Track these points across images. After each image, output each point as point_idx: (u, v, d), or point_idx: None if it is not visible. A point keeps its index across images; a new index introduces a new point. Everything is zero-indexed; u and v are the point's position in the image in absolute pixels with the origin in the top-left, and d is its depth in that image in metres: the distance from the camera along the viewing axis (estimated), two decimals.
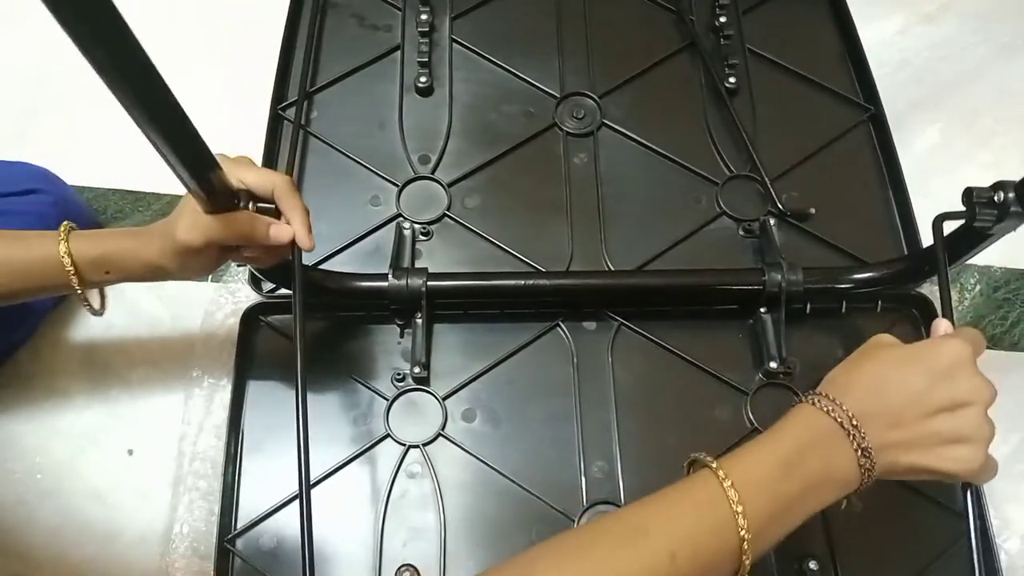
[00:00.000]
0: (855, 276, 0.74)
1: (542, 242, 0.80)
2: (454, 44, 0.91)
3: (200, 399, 0.75)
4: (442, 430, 0.71)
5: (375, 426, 0.72)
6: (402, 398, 0.73)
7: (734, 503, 0.44)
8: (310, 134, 0.85)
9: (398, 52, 0.90)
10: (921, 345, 0.50)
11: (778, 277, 0.72)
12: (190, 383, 0.76)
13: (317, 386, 0.73)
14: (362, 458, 0.70)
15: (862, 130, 0.87)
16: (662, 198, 0.83)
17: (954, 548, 0.67)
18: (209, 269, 0.60)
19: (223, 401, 0.74)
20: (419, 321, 0.73)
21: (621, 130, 0.86)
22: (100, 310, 0.62)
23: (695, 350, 0.75)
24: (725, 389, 0.74)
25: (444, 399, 0.72)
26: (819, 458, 0.46)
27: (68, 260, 0.57)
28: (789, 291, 0.72)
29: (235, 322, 0.76)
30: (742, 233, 0.81)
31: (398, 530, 0.68)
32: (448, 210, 0.81)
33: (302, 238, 0.58)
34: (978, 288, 0.82)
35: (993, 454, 0.49)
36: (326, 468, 0.69)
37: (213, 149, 0.50)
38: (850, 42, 0.92)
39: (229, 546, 0.67)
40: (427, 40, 0.89)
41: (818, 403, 0.48)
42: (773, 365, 0.73)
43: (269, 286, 0.77)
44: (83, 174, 0.85)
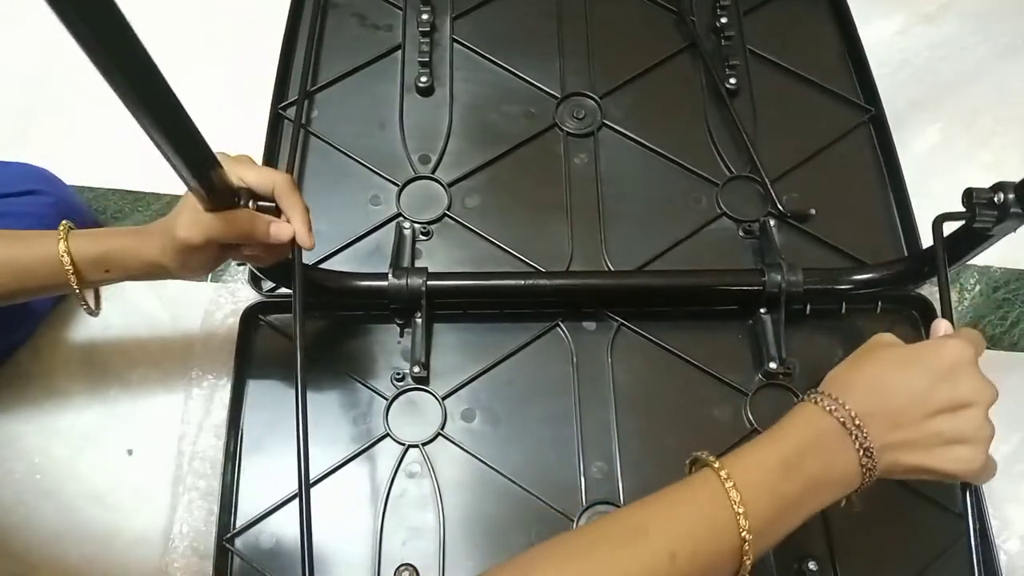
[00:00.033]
0: (855, 277, 0.74)
1: (542, 242, 0.80)
2: (455, 44, 0.91)
3: (200, 399, 0.75)
4: (441, 430, 0.71)
5: (374, 425, 0.72)
6: (401, 398, 0.73)
7: (736, 504, 0.43)
8: (311, 133, 0.85)
9: (399, 52, 0.90)
10: (923, 345, 0.50)
11: (778, 278, 0.72)
12: (190, 383, 0.76)
13: (317, 385, 0.73)
14: (361, 457, 0.70)
15: (862, 131, 0.87)
16: (662, 198, 0.83)
17: (954, 548, 0.67)
18: (209, 268, 0.60)
19: (223, 400, 0.74)
20: (419, 321, 0.73)
21: (621, 130, 0.86)
22: (96, 310, 0.62)
23: (695, 350, 0.75)
24: (725, 389, 0.74)
25: (443, 399, 0.72)
26: (821, 458, 0.46)
27: (68, 259, 0.57)
28: (789, 292, 0.72)
29: (235, 321, 0.76)
30: (742, 234, 0.81)
31: (397, 529, 0.68)
32: (448, 210, 0.81)
33: (302, 236, 0.58)
34: (978, 288, 0.82)
35: (993, 454, 0.49)
36: (326, 467, 0.69)
37: (214, 148, 0.50)
38: (851, 43, 0.92)
39: (228, 545, 0.67)
40: (428, 40, 0.89)
41: (820, 402, 0.48)
42: (773, 366, 0.73)
43: (269, 285, 0.77)
44: (83, 174, 0.85)
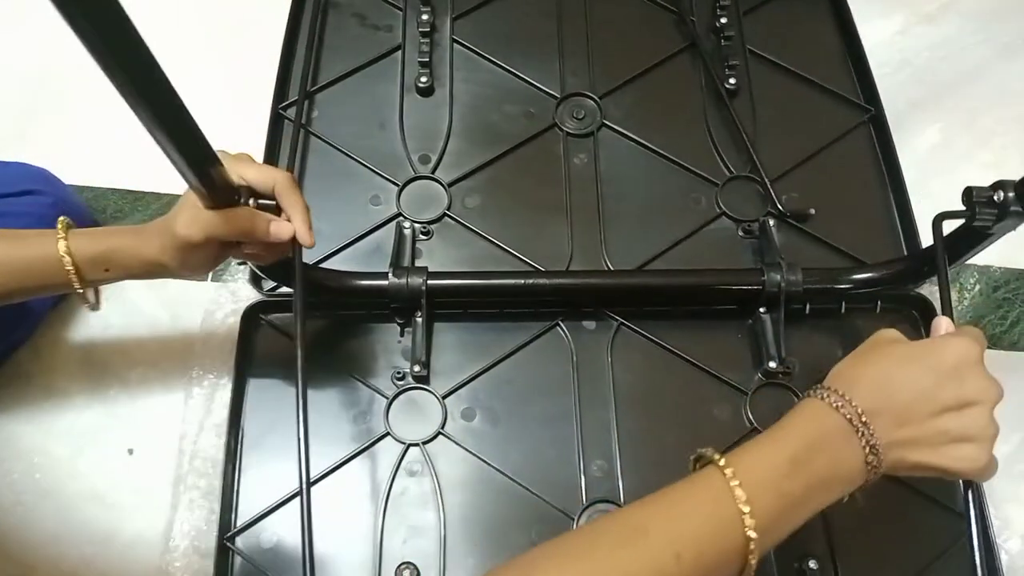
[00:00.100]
0: (855, 276, 0.74)
1: (542, 242, 0.80)
2: (455, 44, 0.91)
3: (200, 398, 0.75)
4: (442, 428, 0.71)
5: (375, 424, 0.72)
6: (402, 396, 0.73)
7: (741, 502, 0.43)
8: (311, 134, 0.85)
9: (399, 52, 0.90)
10: (928, 342, 0.50)
11: (777, 277, 0.72)
12: (190, 382, 0.76)
13: (317, 384, 0.73)
14: (362, 456, 0.70)
15: (862, 131, 0.87)
16: (662, 198, 0.83)
17: (954, 548, 0.67)
18: (209, 266, 0.60)
19: (223, 400, 0.74)
20: (419, 320, 0.73)
21: (621, 130, 0.86)
22: (96, 305, 0.62)
23: (695, 350, 0.75)
24: (724, 389, 0.74)
25: (444, 398, 0.72)
26: (827, 455, 0.46)
27: (68, 259, 0.57)
28: (788, 291, 0.72)
29: (235, 321, 0.76)
30: (742, 233, 0.81)
31: (398, 528, 0.68)
32: (448, 210, 0.81)
33: (303, 234, 0.58)
34: (978, 288, 0.82)
35: (993, 453, 0.49)
36: (326, 466, 0.69)
37: (214, 148, 0.50)
38: (851, 43, 0.92)
39: (229, 544, 0.67)
40: (428, 40, 0.89)
41: (826, 398, 0.48)
42: (772, 365, 0.73)
43: (270, 285, 0.77)
44: (82, 174, 0.85)
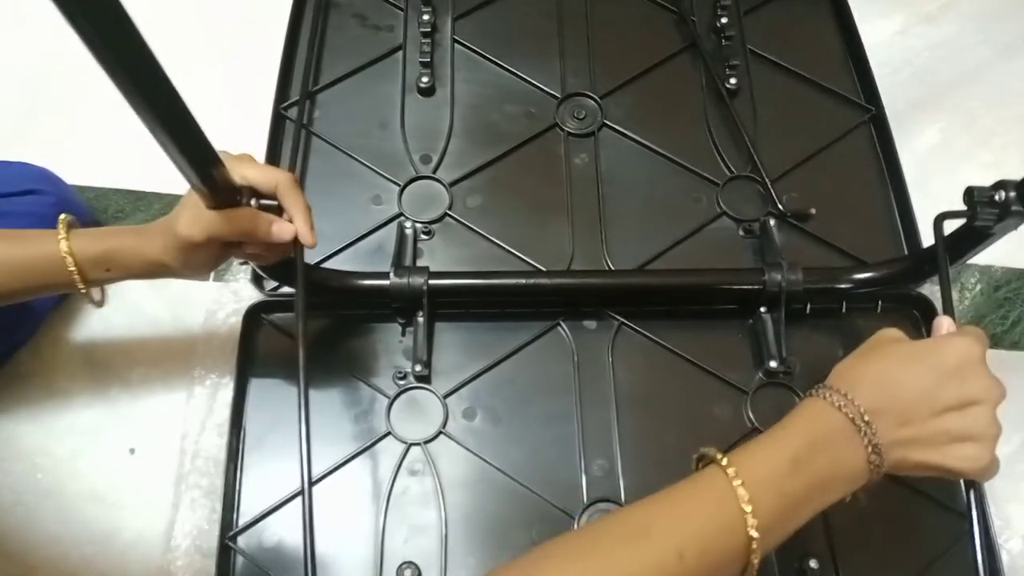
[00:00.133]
0: (855, 276, 0.74)
1: (543, 242, 0.80)
2: (456, 44, 0.91)
3: (202, 397, 0.75)
4: (443, 428, 0.71)
5: (376, 424, 0.72)
6: (403, 396, 0.73)
7: (743, 502, 0.43)
8: (312, 134, 0.85)
9: (400, 52, 0.90)
10: (930, 342, 0.50)
11: (778, 277, 0.72)
12: (192, 382, 0.76)
13: (319, 384, 0.73)
14: (363, 456, 0.70)
15: (863, 131, 0.87)
16: (663, 198, 0.83)
17: (955, 548, 0.67)
18: (211, 266, 0.60)
19: (225, 399, 0.74)
20: (420, 320, 0.73)
21: (622, 130, 0.86)
22: (101, 301, 0.62)
23: (695, 349, 0.75)
24: (725, 388, 0.74)
25: (445, 397, 0.73)
26: (829, 454, 0.46)
27: (70, 259, 0.57)
28: (789, 291, 0.72)
29: (237, 321, 0.76)
30: (742, 233, 0.81)
31: (399, 527, 0.68)
32: (449, 209, 0.81)
33: (304, 234, 0.58)
34: (979, 288, 0.83)
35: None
36: (328, 466, 0.69)
37: (216, 148, 0.50)
38: (851, 43, 0.92)
39: (231, 543, 0.67)
40: (429, 40, 0.89)
41: (828, 397, 0.48)
42: (773, 365, 0.73)
43: (272, 285, 0.77)
44: (84, 174, 0.85)
